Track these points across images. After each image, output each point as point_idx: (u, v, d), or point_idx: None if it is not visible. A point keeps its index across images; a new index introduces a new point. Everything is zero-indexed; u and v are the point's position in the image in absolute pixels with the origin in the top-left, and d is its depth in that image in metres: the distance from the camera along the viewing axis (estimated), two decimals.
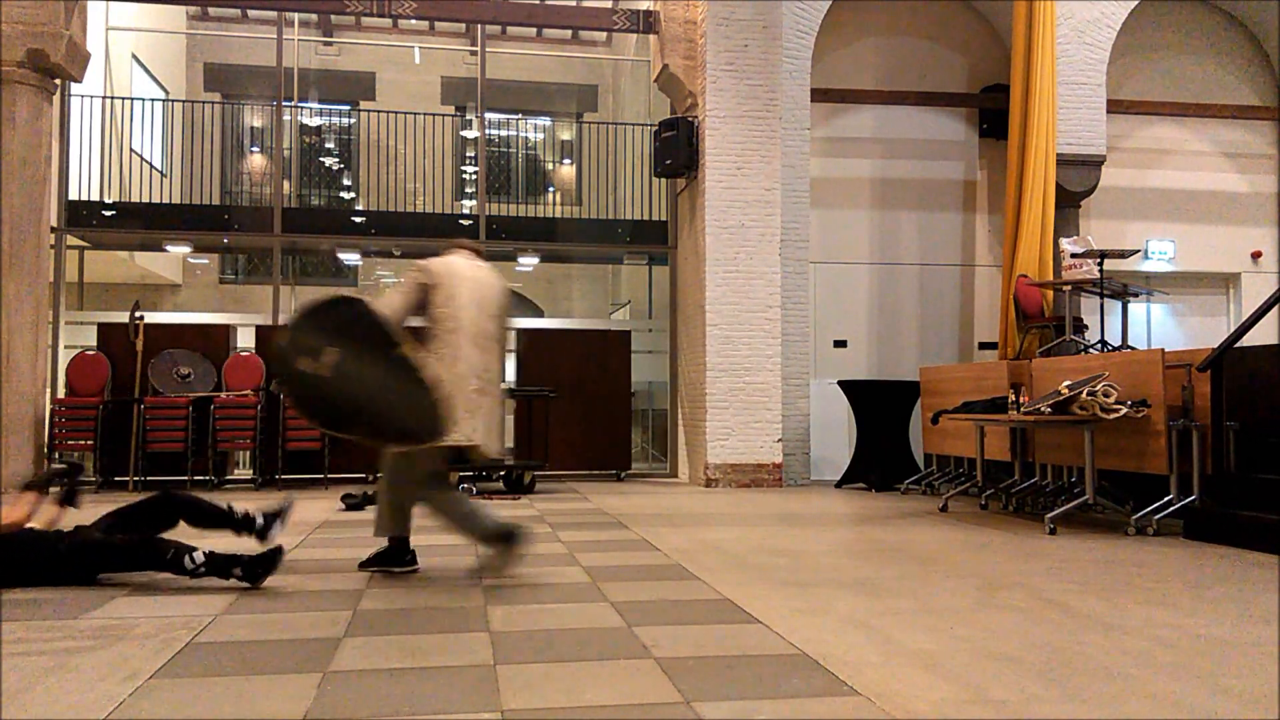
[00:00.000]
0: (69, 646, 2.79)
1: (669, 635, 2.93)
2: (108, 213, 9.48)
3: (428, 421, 3.64)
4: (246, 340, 9.23)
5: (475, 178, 11.62)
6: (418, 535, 4.13)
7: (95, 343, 8.41)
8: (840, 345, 9.42)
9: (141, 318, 8.29)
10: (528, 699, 2.30)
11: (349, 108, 13.60)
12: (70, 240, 9.40)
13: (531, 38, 13.77)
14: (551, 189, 14.03)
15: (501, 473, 7.90)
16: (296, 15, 10.97)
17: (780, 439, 8.38)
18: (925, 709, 2.24)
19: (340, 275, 14.18)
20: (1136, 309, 9.55)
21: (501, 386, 3.95)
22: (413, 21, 13.19)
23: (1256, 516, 4.88)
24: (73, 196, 9.09)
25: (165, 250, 11.59)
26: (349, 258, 12.99)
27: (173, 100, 12.08)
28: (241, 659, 2.69)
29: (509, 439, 8.59)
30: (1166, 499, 5.38)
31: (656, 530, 5.44)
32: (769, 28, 8.51)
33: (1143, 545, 4.98)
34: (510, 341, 4.37)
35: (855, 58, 9.57)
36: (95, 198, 9.60)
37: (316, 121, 13.29)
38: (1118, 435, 5.58)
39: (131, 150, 10.47)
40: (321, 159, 13.31)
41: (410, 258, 12.29)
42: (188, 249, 11.86)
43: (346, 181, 13.39)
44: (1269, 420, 5.33)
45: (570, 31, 13.75)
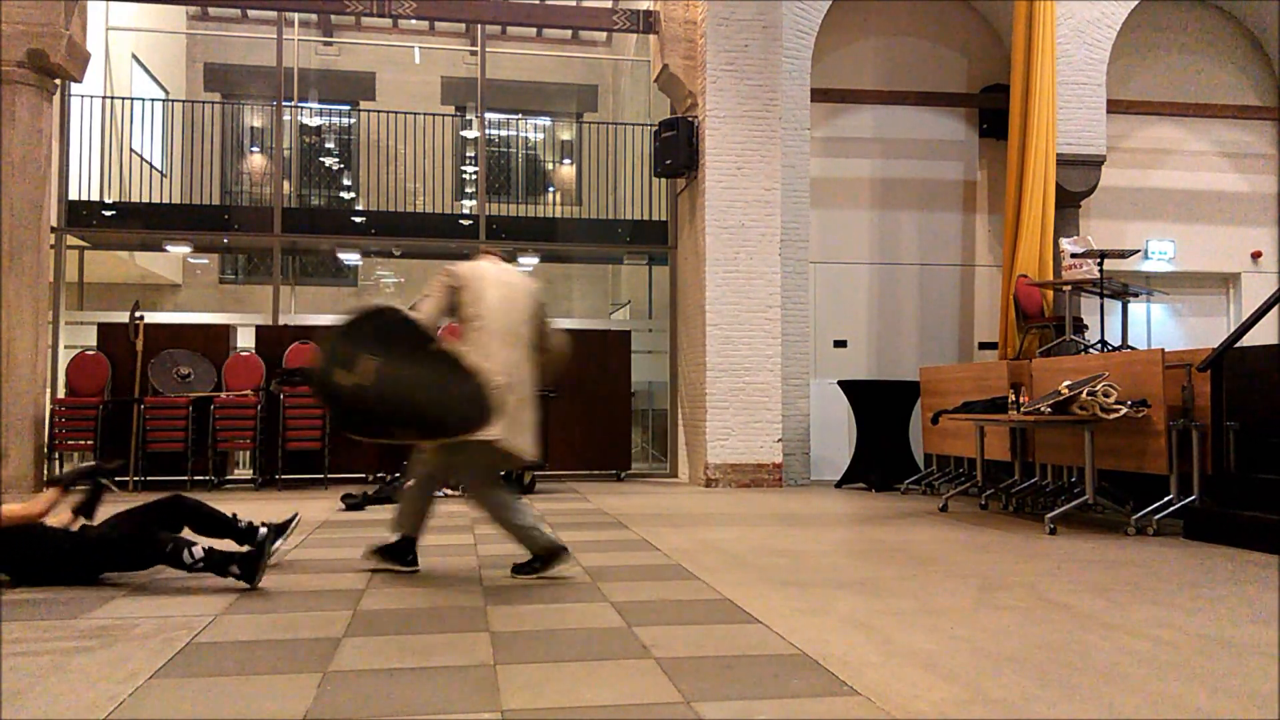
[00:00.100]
0: (69, 646, 2.79)
1: (669, 635, 2.93)
2: (108, 213, 9.48)
3: (478, 407, 3.65)
4: (246, 340, 9.22)
5: (475, 178, 11.61)
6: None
7: (95, 343, 8.41)
8: (840, 345, 9.42)
9: (141, 318, 8.30)
10: (528, 699, 2.30)
11: (349, 108, 13.58)
12: (70, 240, 9.40)
13: (531, 38, 13.77)
14: (551, 189, 14.01)
15: (501, 473, 7.88)
16: (296, 15, 10.96)
17: (780, 439, 8.37)
18: (925, 709, 2.25)
19: (340, 275, 14.17)
20: (1136, 309, 9.55)
21: (531, 389, 3.95)
22: (413, 21, 13.19)
23: (1256, 516, 4.88)
24: (73, 196, 9.10)
25: (165, 250, 11.58)
26: (349, 258, 12.98)
27: (173, 100, 12.08)
28: (241, 659, 2.69)
29: None
30: (1166, 499, 5.38)
31: (656, 530, 5.44)
32: (769, 28, 8.51)
33: (1143, 545, 4.97)
34: (565, 344, 4.37)
35: (855, 58, 9.57)
36: (95, 198, 9.60)
37: (316, 121, 13.27)
38: (1118, 435, 5.58)
39: (131, 150, 10.46)
40: (321, 159, 13.29)
41: (410, 258, 12.31)
42: (188, 249, 11.85)
43: (346, 181, 13.37)
44: (1269, 420, 5.32)
45: (570, 31, 13.74)
